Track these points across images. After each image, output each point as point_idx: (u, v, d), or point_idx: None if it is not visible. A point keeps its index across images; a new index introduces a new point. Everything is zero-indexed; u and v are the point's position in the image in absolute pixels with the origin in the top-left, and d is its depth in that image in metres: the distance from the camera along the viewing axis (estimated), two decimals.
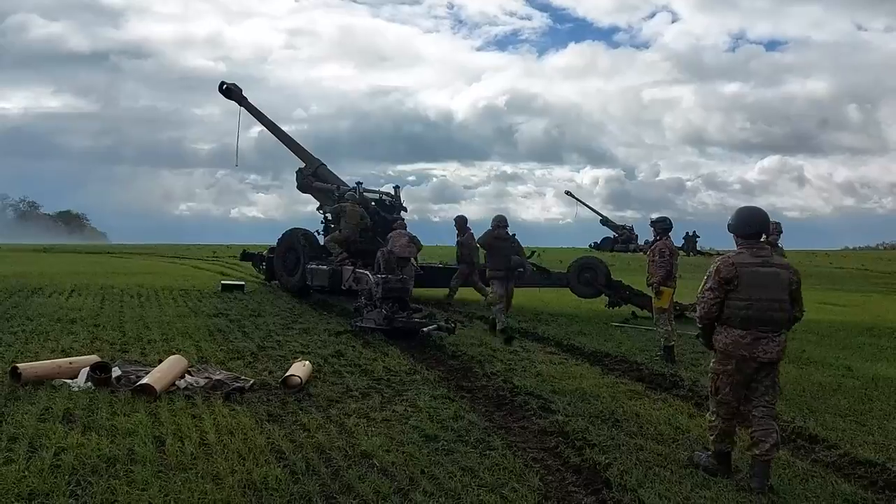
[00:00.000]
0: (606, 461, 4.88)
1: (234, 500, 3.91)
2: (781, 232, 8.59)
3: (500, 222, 11.19)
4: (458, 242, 15.00)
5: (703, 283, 4.80)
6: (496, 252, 11.04)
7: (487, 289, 14.45)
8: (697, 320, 4.95)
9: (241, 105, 18.37)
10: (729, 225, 4.88)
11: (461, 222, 15.03)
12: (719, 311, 4.72)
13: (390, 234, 14.02)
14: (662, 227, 9.45)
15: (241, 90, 18.40)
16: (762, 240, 4.92)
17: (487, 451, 5.04)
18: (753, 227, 4.81)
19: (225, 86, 18.46)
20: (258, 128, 19.11)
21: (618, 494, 4.33)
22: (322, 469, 4.50)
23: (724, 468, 4.80)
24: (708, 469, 4.80)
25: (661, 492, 4.37)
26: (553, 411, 6.22)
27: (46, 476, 4.08)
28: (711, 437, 4.86)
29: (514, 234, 11.63)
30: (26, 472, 4.12)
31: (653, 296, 9.41)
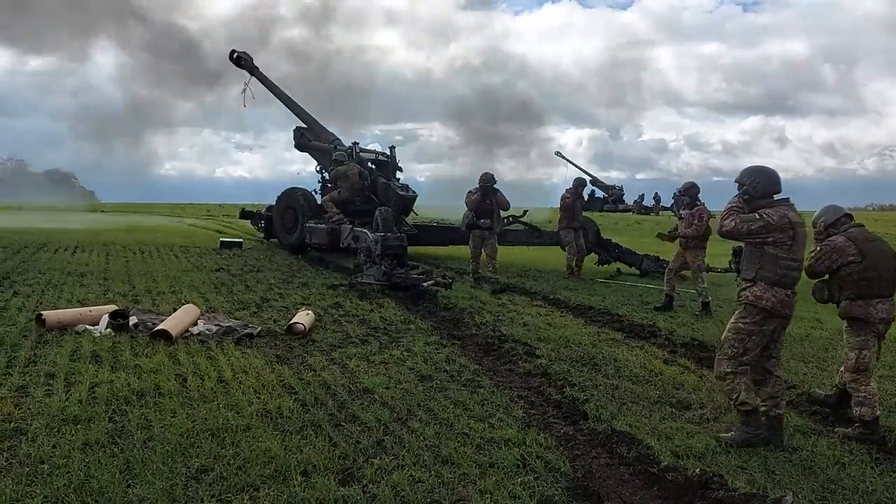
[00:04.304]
0: (584, 398, 5.42)
1: (255, 425, 4.43)
2: None
3: None
4: (566, 206, 13.65)
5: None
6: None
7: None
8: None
9: (251, 74, 18.54)
10: (757, 184, 4.73)
11: (583, 184, 14.14)
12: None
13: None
14: (695, 192, 10.23)
15: (251, 58, 18.60)
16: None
17: (477, 389, 5.57)
18: (779, 183, 4.81)
19: (236, 54, 18.63)
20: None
21: (593, 424, 4.88)
22: (329, 401, 5.04)
23: (773, 433, 4.65)
24: (750, 440, 4.57)
25: (632, 423, 4.91)
26: (537, 356, 6.75)
27: (86, 405, 4.59)
28: (739, 398, 4.61)
29: None
30: (67, 402, 4.63)
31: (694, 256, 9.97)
